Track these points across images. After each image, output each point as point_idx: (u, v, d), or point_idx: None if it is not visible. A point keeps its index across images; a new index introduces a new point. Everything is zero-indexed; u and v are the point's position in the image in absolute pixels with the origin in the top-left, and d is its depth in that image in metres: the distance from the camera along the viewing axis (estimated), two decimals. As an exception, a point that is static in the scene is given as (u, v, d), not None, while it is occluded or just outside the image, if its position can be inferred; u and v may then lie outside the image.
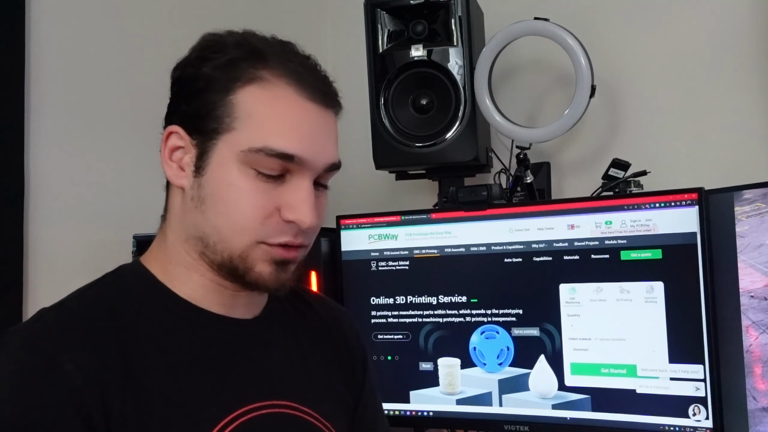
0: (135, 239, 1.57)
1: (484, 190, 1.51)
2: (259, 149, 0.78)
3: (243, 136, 0.79)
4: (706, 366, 1.28)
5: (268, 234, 0.79)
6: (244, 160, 0.78)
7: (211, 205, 0.80)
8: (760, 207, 1.24)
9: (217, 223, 0.80)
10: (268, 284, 0.81)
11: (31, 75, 1.52)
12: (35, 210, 1.52)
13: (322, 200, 0.85)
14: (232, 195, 0.79)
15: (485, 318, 1.47)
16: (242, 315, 0.87)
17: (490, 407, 1.46)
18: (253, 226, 0.79)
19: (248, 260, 0.80)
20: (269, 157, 0.78)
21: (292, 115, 0.80)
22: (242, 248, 0.80)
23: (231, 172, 0.79)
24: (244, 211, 0.79)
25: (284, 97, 0.80)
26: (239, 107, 0.79)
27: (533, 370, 1.42)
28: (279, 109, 0.79)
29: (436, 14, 1.67)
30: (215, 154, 0.80)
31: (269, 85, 0.80)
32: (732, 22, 1.68)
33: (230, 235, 0.80)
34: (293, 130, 0.79)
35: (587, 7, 1.82)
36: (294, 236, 0.81)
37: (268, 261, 0.80)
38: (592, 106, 1.60)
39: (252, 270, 0.80)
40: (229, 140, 0.79)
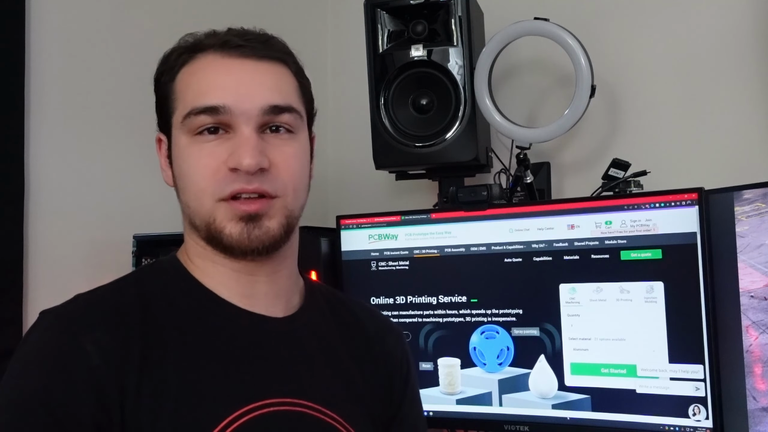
0: (135, 239, 1.57)
1: (484, 190, 1.51)
2: (188, 113, 0.83)
3: (180, 110, 0.85)
4: (706, 366, 1.28)
5: (220, 188, 0.81)
6: (185, 130, 0.84)
7: (181, 185, 0.86)
8: (760, 207, 1.24)
9: (187, 198, 0.85)
10: (242, 243, 0.82)
11: (31, 75, 1.52)
12: (35, 210, 1.52)
13: (285, 148, 0.85)
14: (186, 165, 0.84)
15: (485, 318, 1.47)
16: (269, 311, 0.88)
17: (490, 407, 1.46)
18: (206, 184, 0.82)
19: (217, 223, 0.82)
20: (198, 116, 0.82)
21: (214, 74, 0.84)
22: (208, 211, 0.82)
23: (183, 146, 0.84)
24: (196, 174, 0.83)
25: (208, 63, 0.85)
26: (176, 88, 0.86)
27: (533, 370, 1.42)
28: (201, 75, 0.85)
29: (436, 14, 1.67)
30: (173, 138, 0.86)
31: (197, 60, 0.86)
32: (732, 22, 1.68)
33: (196, 204, 0.83)
34: (214, 85, 0.83)
35: (587, 7, 1.82)
36: (246, 183, 0.81)
37: (234, 219, 0.82)
38: (592, 106, 1.60)
39: (223, 232, 0.82)
40: (175, 119, 0.85)
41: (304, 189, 0.88)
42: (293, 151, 0.86)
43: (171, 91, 0.86)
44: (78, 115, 1.61)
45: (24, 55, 1.51)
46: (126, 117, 1.69)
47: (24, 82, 1.51)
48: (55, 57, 1.57)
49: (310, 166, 0.91)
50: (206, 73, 0.84)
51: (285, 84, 0.87)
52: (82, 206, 1.61)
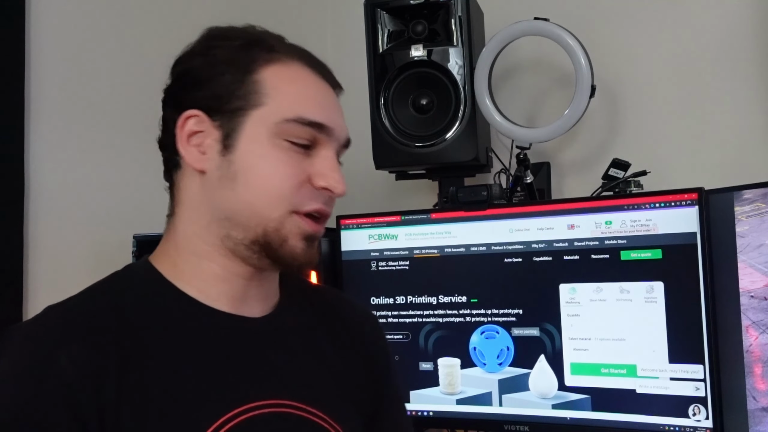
0: (135, 239, 1.57)
1: (484, 190, 1.51)
2: (292, 119, 0.82)
3: (273, 110, 0.82)
4: (706, 366, 1.28)
5: (302, 202, 0.82)
6: (277, 132, 0.82)
7: (243, 180, 0.82)
8: (760, 207, 1.24)
9: (250, 197, 0.82)
10: (300, 258, 0.83)
11: (31, 75, 1.52)
12: (35, 210, 1.52)
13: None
14: (265, 166, 0.82)
15: (485, 318, 1.47)
16: (251, 312, 0.87)
17: (490, 407, 1.46)
18: (288, 194, 0.81)
19: (282, 232, 0.81)
20: (302, 126, 0.82)
21: (314, 90, 0.85)
22: (277, 219, 0.81)
23: (264, 145, 0.82)
24: (278, 180, 0.81)
25: (303, 74, 0.85)
26: (265, 84, 0.83)
27: (533, 370, 1.42)
28: (302, 84, 0.84)
29: (436, 14, 1.67)
30: (245, 130, 0.82)
31: (287, 64, 0.84)
32: (732, 23, 1.68)
33: (265, 206, 0.81)
34: (318, 103, 0.84)
35: (587, 7, 1.82)
36: (324, 203, 0.84)
37: (300, 235, 0.82)
38: (592, 106, 1.60)
39: (286, 243, 0.82)
40: (259, 115, 0.82)
41: None
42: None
43: (249, 82, 0.82)
44: (78, 115, 1.61)
45: (24, 55, 1.51)
46: (126, 117, 1.69)
47: (24, 82, 1.51)
48: (55, 57, 1.57)
49: None
50: (308, 85, 0.85)
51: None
52: (82, 206, 1.61)
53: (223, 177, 0.82)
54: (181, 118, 0.83)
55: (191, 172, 0.84)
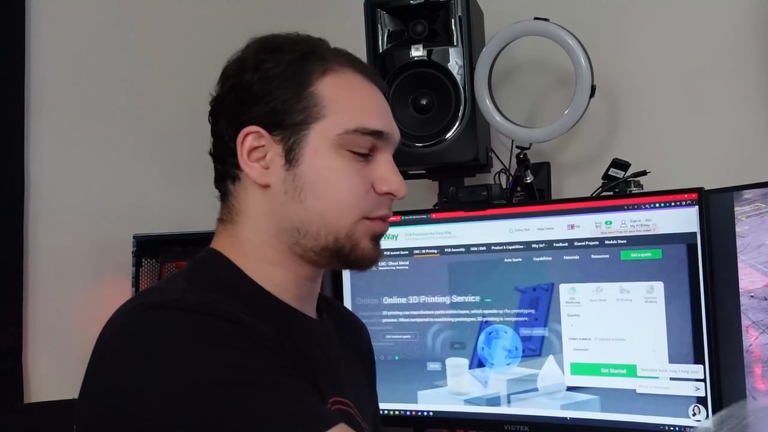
0: (135, 239, 1.57)
1: (484, 190, 1.51)
2: (354, 130, 0.83)
3: (335, 122, 0.84)
4: (706, 366, 1.28)
5: (370, 208, 0.85)
6: (339, 144, 0.83)
7: (310, 192, 0.84)
8: (760, 207, 1.24)
9: (320, 208, 0.84)
10: (371, 258, 0.87)
11: (31, 75, 1.52)
12: (35, 210, 1.52)
13: None
14: (332, 177, 0.84)
15: (485, 318, 1.47)
16: (311, 313, 0.91)
17: (490, 407, 1.46)
18: (357, 202, 0.84)
19: (354, 237, 0.84)
20: (363, 136, 0.84)
21: (369, 97, 0.87)
22: (349, 226, 0.84)
23: (328, 157, 0.84)
24: (346, 190, 0.84)
25: (357, 82, 0.87)
26: (323, 96, 0.84)
27: (541, 370, 1.42)
28: (358, 93, 0.86)
29: (436, 14, 1.67)
30: (308, 143, 0.84)
31: (341, 74, 0.86)
32: (732, 23, 1.68)
33: (336, 215, 0.84)
34: (375, 110, 0.87)
35: (587, 7, 1.82)
36: (389, 209, 0.88)
37: (369, 236, 0.86)
38: (592, 106, 1.60)
39: (358, 246, 0.85)
40: (321, 128, 0.83)
41: None
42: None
43: (307, 95, 0.83)
44: (78, 115, 1.61)
45: (24, 55, 1.51)
46: (126, 117, 1.69)
47: (24, 82, 1.51)
48: (55, 57, 1.57)
49: None
50: (363, 93, 0.87)
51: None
52: (82, 206, 1.61)
53: (289, 190, 0.84)
54: (240, 134, 0.84)
55: (253, 185, 0.85)
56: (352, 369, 0.95)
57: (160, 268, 1.61)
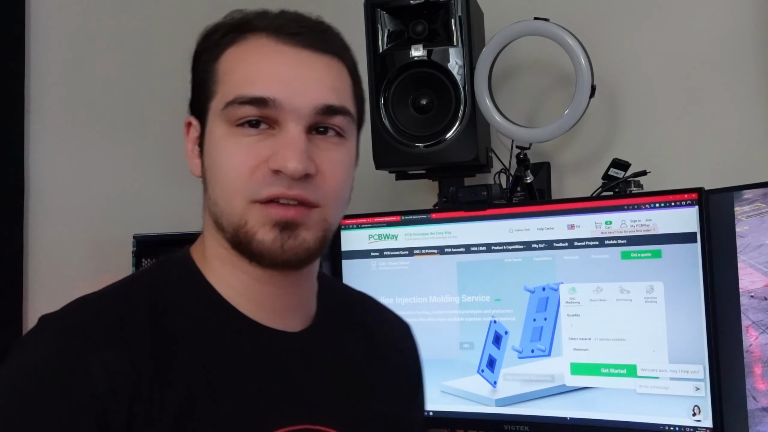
0: (135, 239, 1.57)
1: (484, 190, 1.51)
2: (232, 100, 0.74)
3: (220, 96, 0.75)
4: (706, 366, 1.28)
5: (257, 188, 0.73)
6: (225, 119, 0.74)
7: (211, 178, 0.77)
8: (760, 207, 1.24)
9: (216, 194, 0.76)
10: (273, 252, 0.73)
11: (31, 75, 1.53)
12: (35, 210, 1.53)
13: (332, 153, 0.76)
14: (220, 158, 0.75)
15: (486, 318, 1.47)
16: (288, 325, 0.81)
17: (490, 407, 1.46)
18: (241, 183, 0.73)
19: (248, 226, 0.73)
20: (243, 105, 0.73)
21: (265, 61, 0.75)
22: (239, 213, 0.74)
23: (219, 137, 0.75)
24: (230, 170, 0.74)
25: (259, 46, 0.76)
26: (219, 71, 0.77)
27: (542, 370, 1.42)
28: (251, 59, 0.76)
29: (436, 14, 1.67)
30: (207, 125, 0.77)
31: (247, 42, 0.76)
32: (732, 23, 1.68)
33: (227, 202, 0.75)
34: (265, 75, 0.74)
35: (587, 7, 1.82)
36: (287, 188, 0.72)
37: (269, 225, 0.73)
38: (592, 106, 1.60)
39: (254, 238, 0.73)
40: (213, 106, 0.76)
41: (345, 200, 0.80)
42: (341, 158, 0.78)
43: (212, 72, 0.77)
44: (78, 115, 1.61)
45: (24, 55, 1.51)
46: (126, 117, 1.69)
47: (24, 82, 1.51)
48: (55, 57, 1.57)
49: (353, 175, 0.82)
50: (256, 59, 0.75)
51: (341, 82, 0.78)
52: (82, 206, 1.61)
53: (205, 179, 0.79)
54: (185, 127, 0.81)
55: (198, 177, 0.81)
56: (357, 388, 0.84)
57: (160, 268, 1.61)
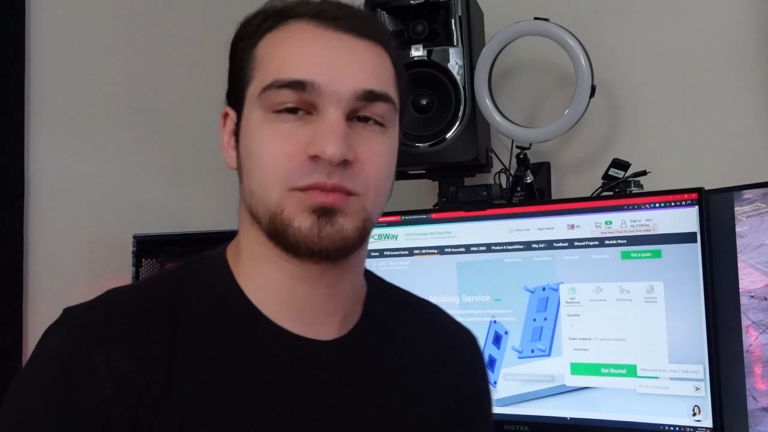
0: (135, 239, 1.57)
1: (484, 190, 1.51)
2: (269, 84, 0.71)
3: (258, 81, 0.72)
4: (706, 366, 1.28)
5: (296, 176, 0.69)
6: (262, 105, 0.71)
7: (247, 167, 0.73)
8: (760, 207, 1.24)
9: (253, 183, 0.72)
10: (310, 239, 0.69)
11: (31, 75, 1.52)
12: (35, 210, 1.53)
13: (373, 141, 0.73)
14: (256, 146, 0.72)
15: (486, 318, 1.47)
16: (321, 333, 0.76)
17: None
18: (279, 171, 0.70)
19: (285, 214, 0.70)
20: (281, 89, 0.70)
21: (305, 45, 0.72)
22: (276, 201, 0.70)
23: (254, 122, 0.72)
24: (268, 158, 0.70)
25: (299, 31, 0.73)
26: (257, 56, 0.74)
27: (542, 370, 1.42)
28: (290, 42, 0.72)
29: (436, 14, 1.67)
30: (244, 113, 0.74)
31: (286, 27, 0.73)
32: (732, 23, 1.68)
33: (263, 190, 0.71)
34: (304, 58, 0.71)
35: (587, 7, 1.82)
36: (327, 176, 0.69)
37: (307, 211, 0.69)
38: (592, 106, 1.60)
39: (291, 225, 0.69)
40: (251, 92, 0.73)
41: (386, 192, 0.76)
42: (382, 147, 0.74)
43: (250, 58, 0.74)
44: (78, 115, 1.61)
45: (24, 55, 1.51)
46: (126, 117, 1.69)
47: (24, 82, 1.51)
48: (55, 57, 1.57)
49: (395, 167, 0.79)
50: (295, 43, 0.72)
51: (383, 69, 0.75)
52: (82, 206, 1.61)
53: (242, 170, 0.75)
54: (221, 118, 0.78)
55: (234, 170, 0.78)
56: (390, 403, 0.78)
57: (160, 268, 1.60)
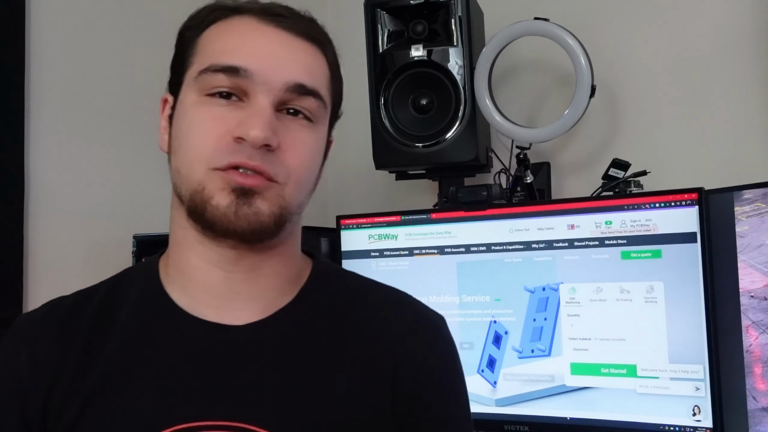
0: (135, 239, 1.57)
1: (484, 190, 1.51)
2: (205, 68, 0.74)
3: (195, 66, 0.76)
4: (706, 366, 1.28)
5: (220, 156, 0.72)
6: (197, 88, 0.75)
7: (176, 146, 0.77)
8: (760, 207, 1.24)
9: (179, 161, 0.76)
10: (227, 217, 0.72)
11: (31, 75, 1.52)
12: (35, 210, 1.52)
13: (299, 134, 0.76)
14: (186, 126, 0.75)
15: (486, 318, 1.47)
16: (236, 318, 0.77)
17: (490, 407, 1.46)
18: (204, 150, 0.73)
19: (205, 192, 0.73)
20: (216, 73, 0.74)
21: (245, 36, 0.76)
22: (198, 179, 0.73)
23: (187, 104, 0.76)
24: (195, 137, 0.74)
25: (241, 24, 0.77)
26: (199, 44, 0.78)
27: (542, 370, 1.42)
28: (231, 33, 0.77)
29: (436, 14, 1.67)
30: (180, 96, 0.78)
31: (231, 20, 0.78)
32: (732, 23, 1.68)
33: (188, 168, 0.74)
34: (242, 47, 0.75)
35: (587, 7, 1.82)
36: (248, 157, 0.72)
37: (226, 190, 0.72)
38: (592, 106, 1.60)
39: (209, 203, 0.72)
40: (188, 77, 0.77)
41: (307, 185, 0.78)
42: (307, 140, 0.77)
43: (192, 46, 0.78)
44: (78, 115, 1.61)
45: (24, 55, 1.51)
46: (126, 117, 1.69)
47: (24, 82, 1.51)
48: (55, 57, 1.57)
49: (320, 165, 0.82)
50: (235, 33, 0.76)
51: (317, 68, 0.79)
52: (82, 206, 1.61)
53: (170, 150, 0.79)
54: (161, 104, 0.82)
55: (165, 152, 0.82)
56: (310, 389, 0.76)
57: (160, 268, 1.61)
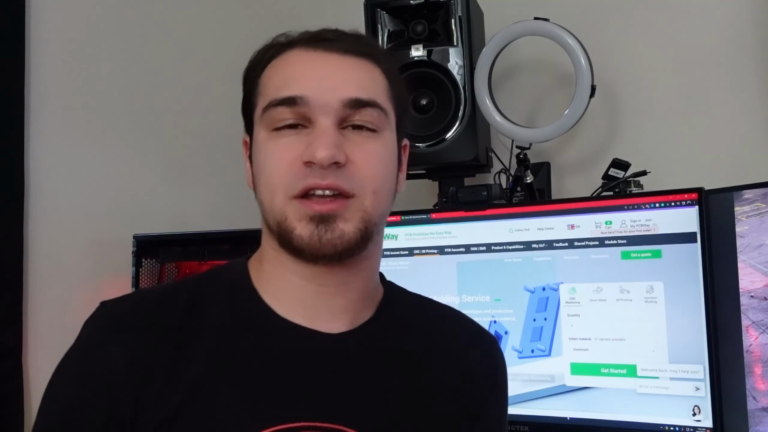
0: (135, 239, 1.57)
1: (484, 190, 1.51)
2: (268, 104, 0.79)
3: (260, 104, 0.81)
4: (706, 366, 1.28)
5: (294, 183, 0.76)
6: (264, 125, 0.80)
7: (256, 181, 0.82)
8: (760, 207, 1.24)
9: (261, 194, 0.81)
10: (312, 246, 0.76)
11: (31, 75, 1.53)
12: (35, 210, 1.53)
13: (366, 145, 0.79)
14: (262, 160, 0.80)
15: (486, 318, 1.47)
16: (327, 327, 0.82)
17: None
18: (279, 179, 0.77)
19: (288, 222, 0.77)
20: (277, 107, 0.78)
21: (298, 66, 0.81)
22: (279, 209, 0.78)
23: (259, 141, 0.81)
24: (270, 169, 0.79)
25: (293, 55, 0.82)
26: (261, 83, 0.83)
27: (542, 370, 1.42)
28: (285, 67, 0.81)
29: (436, 14, 1.67)
30: (254, 135, 0.83)
31: (284, 55, 0.82)
32: (732, 23, 1.68)
33: (269, 200, 0.79)
34: (296, 77, 0.80)
35: (587, 7, 1.82)
36: (320, 178, 0.76)
37: (305, 219, 0.76)
38: (592, 106, 1.60)
39: (293, 232, 0.77)
40: (256, 116, 0.82)
41: (386, 193, 0.82)
42: (374, 149, 0.80)
43: (255, 87, 0.83)
44: (78, 115, 1.61)
45: (24, 55, 1.51)
46: (126, 117, 1.69)
47: (24, 82, 1.51)
48: (55, 57, 1.57)
49: (396, 173, 0.85)
50: (288, 66, 0.81)
51: (371, 80, 0.82)
52: (82, 206, 1.61)
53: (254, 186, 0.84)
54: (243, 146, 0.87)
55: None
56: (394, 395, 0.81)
57: (160, 268, 1.61)
